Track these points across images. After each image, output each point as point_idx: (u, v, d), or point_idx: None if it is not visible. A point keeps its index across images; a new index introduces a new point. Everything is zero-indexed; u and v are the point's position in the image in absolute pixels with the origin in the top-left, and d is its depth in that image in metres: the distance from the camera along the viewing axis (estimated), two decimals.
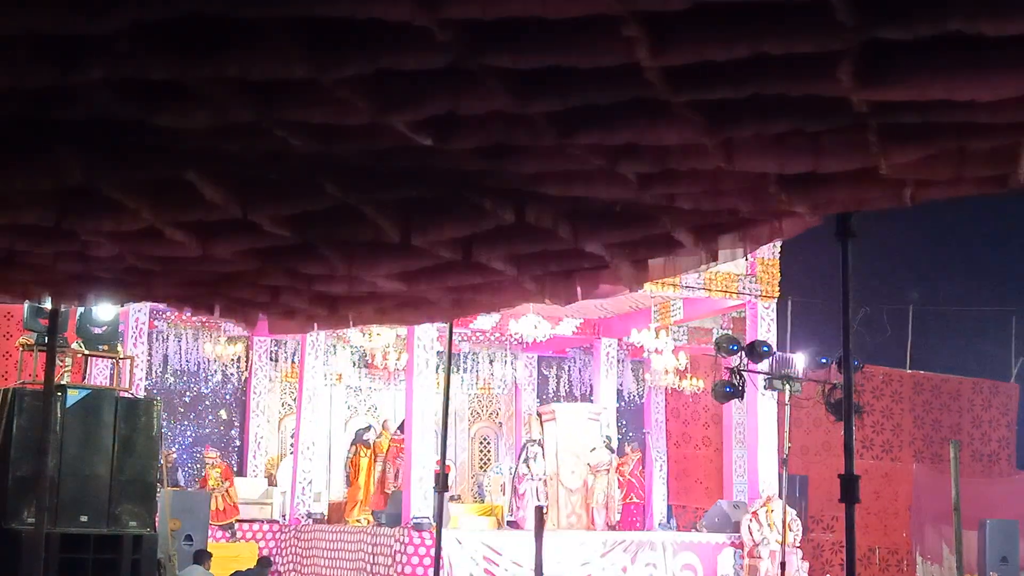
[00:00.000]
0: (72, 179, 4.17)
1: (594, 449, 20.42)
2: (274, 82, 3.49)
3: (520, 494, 20.23)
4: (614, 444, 21.38)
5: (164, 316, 22.24)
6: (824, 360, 16.13)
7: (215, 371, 23.57)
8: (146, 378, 21.40)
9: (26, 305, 12.48)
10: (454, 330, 12.08)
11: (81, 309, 12.78)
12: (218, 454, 22.01)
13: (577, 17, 3.09)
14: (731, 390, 15.64)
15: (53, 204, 4.46)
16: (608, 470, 20.40)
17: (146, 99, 3.58)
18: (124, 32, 3.21)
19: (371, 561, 18.63)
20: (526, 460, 20.39)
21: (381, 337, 21.01)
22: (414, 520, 17.89)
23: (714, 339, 19.74)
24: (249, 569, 16.80)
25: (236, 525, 21.00)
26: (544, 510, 13.50)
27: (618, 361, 24.06)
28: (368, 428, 22.68)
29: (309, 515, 21.68)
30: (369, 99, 3.55)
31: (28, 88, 3.53)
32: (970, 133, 3.77)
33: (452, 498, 20.85)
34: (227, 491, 20.99)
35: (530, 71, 3.41)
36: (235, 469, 23.52)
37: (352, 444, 22.62)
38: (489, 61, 3.32)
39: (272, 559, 19.24)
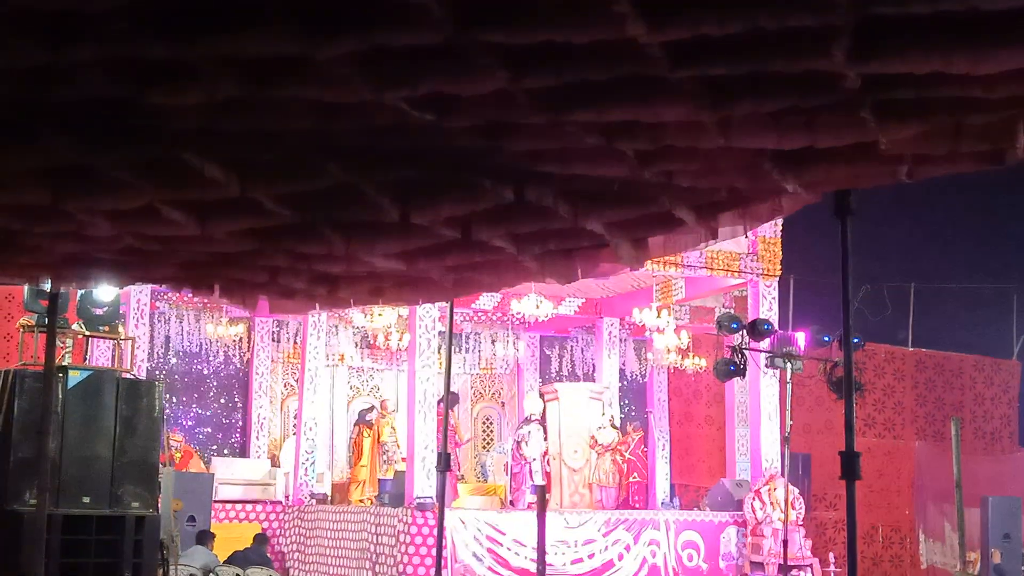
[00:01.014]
0: (66, 160, 4.15)
1: (602, 428, 20.45)
2: (268, 60, 3.47)
3: (515, 474, 20.26)
4: (617, 423, 21.43)
5: (165, 297, 22.24)
6: (826, 338, 16.13)
7: (217, 352, 23.59)
8: (148, 359, 21.42)
9: (26, 287, 12.47)
10: (455, 310, 12.09)
11: (81, 290, 12.77)
12: (183, 436, 22.12)
13: None
14: (733, 368, 15.68)
15: (48, 183, 4.45)
16: (616, 450, 20.45)
17: (138, 77, 3.57)
18: (117, 10, 3.20)
19: (375, 541, 18.67)
20: (520, 441, 20.40)
21: (383, 317, 21.01)
22: (417, 500, 17.94)
23: (716, 318, 19.75)
24: (247, 548, 16.84)
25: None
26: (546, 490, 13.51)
27: (620, 340, 24.07)
28: (371, 408, 22.73)
29: (312, 496, 21.71)
30: (364, 77, 3.53)
31: (19, 68, 3.51)
32: (966, 108, 3.76)
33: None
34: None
35: (525, 47, 3.39)
36: (238, 450, 23.60)
37: (355, 424, 22.67)
38: (482, 37, 3.30)
39: (268, 536, 19.25)
